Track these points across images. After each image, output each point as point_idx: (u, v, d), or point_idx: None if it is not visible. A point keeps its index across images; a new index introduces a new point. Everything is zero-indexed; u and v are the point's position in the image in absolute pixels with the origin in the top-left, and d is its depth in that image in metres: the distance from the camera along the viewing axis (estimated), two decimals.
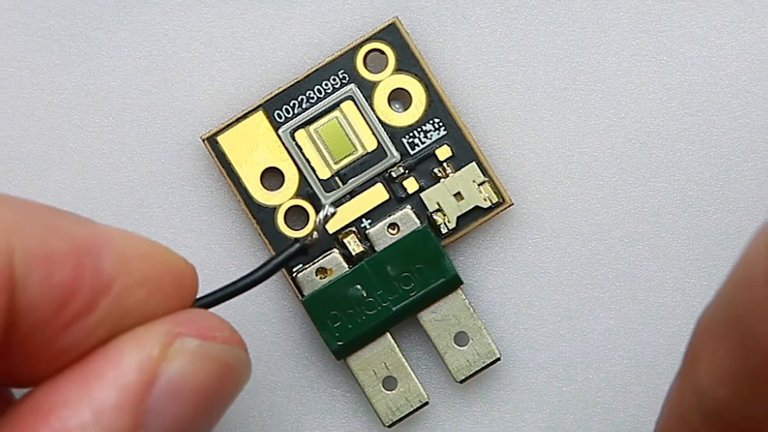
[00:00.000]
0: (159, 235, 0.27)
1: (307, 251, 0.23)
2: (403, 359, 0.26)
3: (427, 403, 0.26)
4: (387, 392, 0.26)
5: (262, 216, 0.26)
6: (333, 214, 0.23)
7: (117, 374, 0.20)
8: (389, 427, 0.26)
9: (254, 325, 0.27)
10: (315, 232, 0.23)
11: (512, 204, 0.26)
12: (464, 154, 0.26)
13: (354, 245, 0.26)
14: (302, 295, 0.26)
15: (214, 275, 0.27)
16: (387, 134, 0.26)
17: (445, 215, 0.26)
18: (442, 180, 0.26)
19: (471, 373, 0.26)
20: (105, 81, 0.27)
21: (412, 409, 0.26)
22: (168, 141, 0.27)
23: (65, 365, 0.20)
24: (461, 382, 0.26)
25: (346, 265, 0.26)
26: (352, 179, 0.26)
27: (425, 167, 0.26)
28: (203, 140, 0.26)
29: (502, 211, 0.26)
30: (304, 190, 0.26)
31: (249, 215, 0.26)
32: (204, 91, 0.27)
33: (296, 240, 0.23)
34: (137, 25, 0.27)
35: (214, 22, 0.27)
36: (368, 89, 0.26)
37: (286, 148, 0.26)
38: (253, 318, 0.27)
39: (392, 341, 0.26)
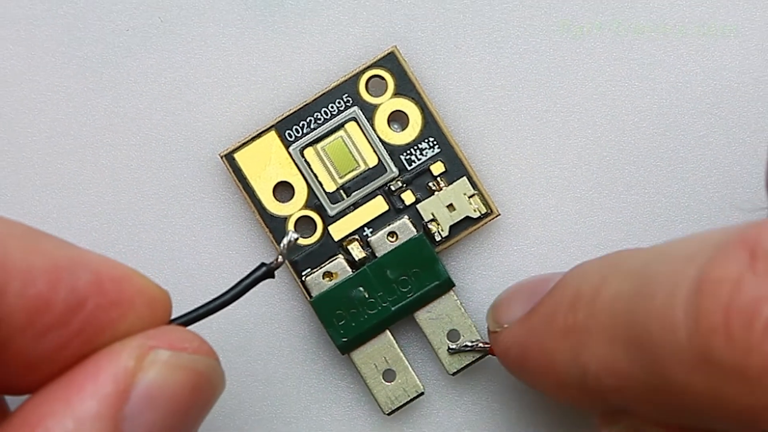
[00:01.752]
0: (182, 241, 0.28)
1: (273, 274, 0.23)
2: (401, 354, 0.27)
3: (422, 393, 0.27)
4: (387, 383, 0.26)
5: (274, 225, 0.27)
6: (296, 240, 0.23)
7: (95, 386, 0.21)
8: (389, 414, 0.27)
9: (267, 324, 0.27)
10: (280, 257, 0.23)
11: (499, 214, 0.27)
12: (456, 169, 0.27)
13: (357, 251, 0.26)
14: (310, 297, 0.26)
15: (231, 278, 0.26)
16: (386, 152, 0.27)
17: (438, 224, 0.26)
18: (436, 193, 0.27)
19: (462, 366, 0.27)
20: (133, 104, 0.28)
21: (409, 398, 0.27)
22: (189, 158, 0.28)
23: (48, 377, 0.21)
24: (453, 374, 0.27)
25: (350, 270, 0.26)
26: (355, 192, 0.27)
27: (421, 181, 0.27)
28: (221, 157, 0.26)
29: (490, 220, 0.27)
30: (312, 201, 0.27)
31: (262, 224, 0.27)
32: (222, 113, 0.28)
33: (263, 264, 0.23)
34: (162, 54, 0.28)
35: (230, 51, 0.28)
36: (369, 111, 0.27)
37: (296, 165, 0.26)
38: (266, 317, 0.27)
39: (391, 338, 0.26)
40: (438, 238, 0.26)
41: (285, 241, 0.23)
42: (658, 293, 0.20)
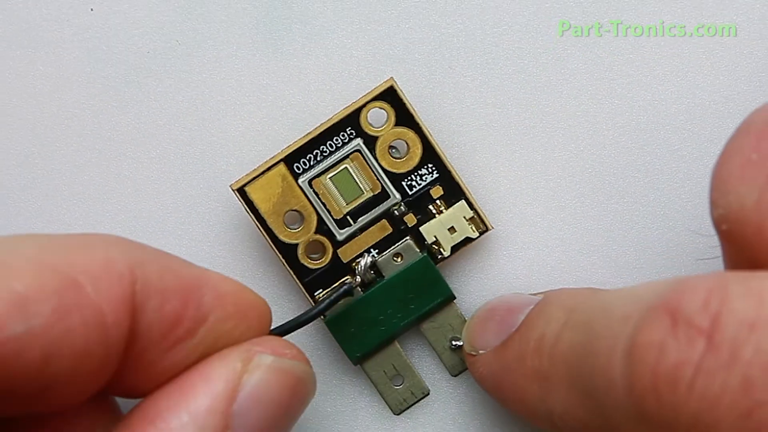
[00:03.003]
0: (197, 254, 0.28)
1: (352, 293, 0.26)
2: (408, 361, 0.27)
3: (428, 394, 0.28)
4: (396, 387, 0.27)
5: (286, 251, 0.27)
6: (374, 262, 0.26)
7: (208, 385, 0.22)
8: (398, 414, 0.27)
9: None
10: (358, 277, 0.26)
11: (492, 228, 0.27)
12: (453, 191, 0.27)
13: (365, 272, 0.27)
14: (324, 317, 0.27)
15: None
16: (388, 179, 0.27)
17: (441, 245, 0.27)
18: (436, 215, 0.27)
19: (464, 368, 0.27)
20: (153, 120, 0.28)
21: (416, 399, 0.27)
22: (205, 169, 0.28)
23: (168, 380, 0.22)
24: (456, 375, 0.28)
25: (361, 290, 0.27)
26: (361, 217, 0.27)
27: (422, 204, 0.27)
28: (234, 190, 0.26)
29: (483, 234, 0.27)
30: (321, 227, 0.27)
31: (275, 251, 0.27)
32: (234, 128, 0.28)
33: (343, 283, 0.26)
34: (179, 74, 0.28)
35: (242, 72, 0.28)
36: (372, 142, 0.27)
37: (305, 195, 0.27)
38: (286, 337, 0.27)
39: (399, 347, 0.27)
40: (440, 257, 0.27)
41: (363, 262, 0.26)
42: (601, 351, 0.21)
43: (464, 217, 0.27)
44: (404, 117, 0.27)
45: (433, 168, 0.27)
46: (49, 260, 0.21)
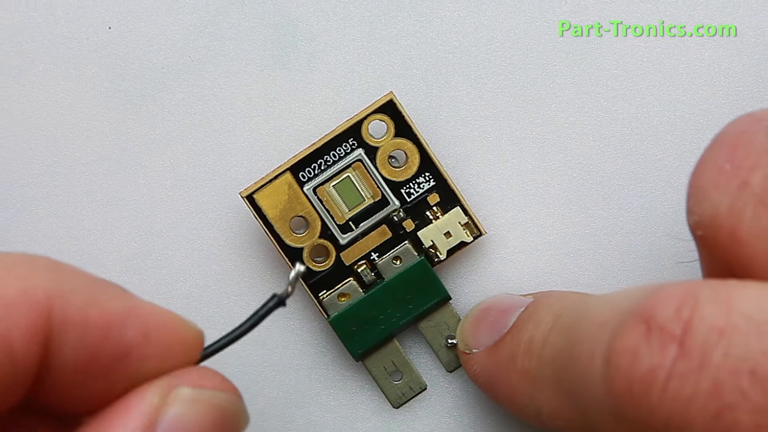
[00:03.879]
0: (208, 271, 0.28)
1: (285, 303, 0.23)
2: (406, 357, 0.27)
3: (425, 389, 0.27)
4: (395, 382, 0.27)
5: (292, 254, 0.27)
6: (303, 272, 0.23)
7: (126, 420, 0.21)
8: (397, 408, 0.27)
9: (290, 341, 0.28)
10: (290, 287, 0.23)
11: (486, 233, 0.27)
12: (449, 198, 0.27)
13: (366, 274, 0.27)
14: (328, 316, 0.27)
15: (254, 303, 0.28)
16: (388, 187, 0.27)
17: (437, 249, 0.27)
18: (433, 221, 0.27)
19: (459, 365, 0.27)
20: (168, 132, 0.28)
21: (414, 394, 0.27)
22: (216, 179, 0.28)
23: (92, 407, 0.21)
24: (451, 371, 0.28)
25: (361, 290, 0.27)
26: (363, 223, 0.27)
27: (419, 210, 0.27)
28: (243, 197, 0.27)
29: (477, 239, 0.27)
30: (325, 232, 0.27)
31: (281, 254, 0.27)
32: (243, 139, 0.28)
33: (274, 295, 0.23)
34: (192, 88, 0.28)
35: (251, 86, 0.28)
36: (372, 152, 0.27)
37: (310, 201, 0.27)
38: (291, 335, 0.28)
39: (398, 345, 0.27)
40: (436, 260, 0.27)
41: (293, 273, 0.23)
42: (582, 356, 0.21)
43: (459, 223, 0.27)
44: (403, 129, 0.27)
45: (430, 176, 0.27)
46: None
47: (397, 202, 0.27)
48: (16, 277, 0.20)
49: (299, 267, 0.23)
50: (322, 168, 0.27)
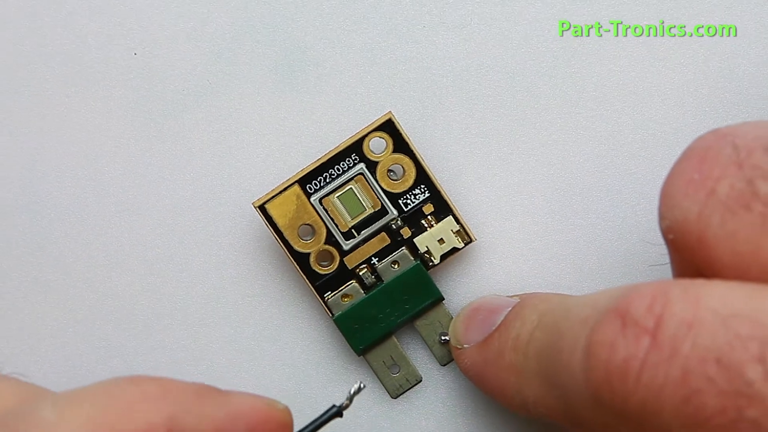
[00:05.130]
0: (223, 275, 0.28)
1: (342, 414, 0.23)
2: (404, 352, 0.27)
3: (421, 381, 0.27)
4: (393, 375, 0.27)
5: (300, 259, 0.27)
6: (363, 388, 0.23)
7: None
8: (395, 398, 0.27)
9: (299, 337, 0.28)
10: (348, 401, 0.23)
11: (476, 240, 0.27)
12: (442, 208, 0.27)
13: (367, 277, 0.27)
14: (332, 314, 0.27)
15: (265, 304, 0.28)
16: (387, 198, 0.27)
17: (432, 254, 0.27)
18: (428, 229, 0.27)
19: (451, 359, 0.27)
20: (187, 148, 0.28)
21: (410, 385, 0.27)
22: (230, 191, 0.28)
23: None
24: (444, 365, 0.28)
25: (363, 291, 0.27)
26: (364, 230, 0.27)
27: (415, 219, 0.27)
28: (255, 207, 0.26)
29: (468, 245, 0.27)
30: (330, 239, 0.27)
31: (290, 259, 0.27)
32: (255, 155, 0.28)
33: (334, 406, 0.23)
34: (210, 109, 0.28)
35: (263, 107, 0.28)
36: (373, 166, 0.27)
37: (316, 211, 0.27)
38: (300, 332, 0.28)
39: (396, 341, 0.27)
40: (431, 264, 0.27)
41: (353, 388, 0.23)
42: (565, 349, 0.21)
43: (451, 230, 0.27)
44: (400, 145, 0.27)
45: (425, 188, 0.27)
46: (105, 425, 0.19)
47: (395, 212, 0.27)
48: (137, 418, 0.20)
49: (360, 384, 0.23)
50: (327, 180, 0.27)
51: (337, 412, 0.23)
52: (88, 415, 0.19)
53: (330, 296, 0.27)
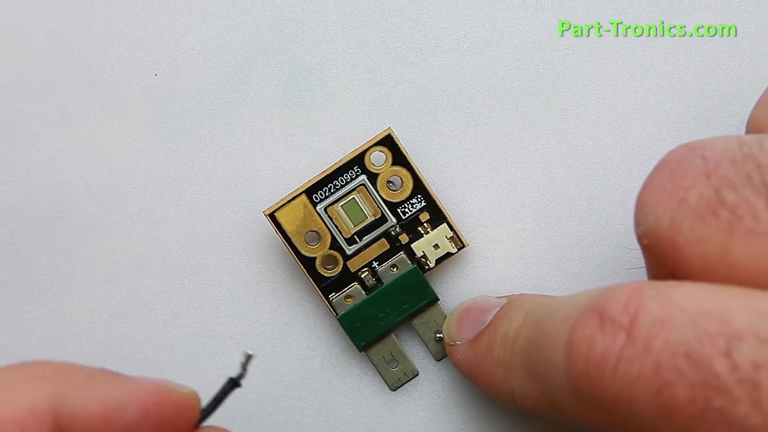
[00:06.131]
0: (236, 278, 0.28)
1: (240, 384, 0.22)
2: (402, 349, 0.27)
3: (417, 374, 0.27)
4: (392, 369, 0.27)
5: (307, 263, 0.27)
6: (252, 356, 0.21)
7: None
8: (394, 390, 0.27)
9: (306, 335, 0.28)
10: (242, 370, 0.21)
11: (468, 245, 0.27)
12: (437, 216, 0.27)
13: (368, 279, 0.27)
14: (336, 314, 0.27)
15: (275, 304, 0.27)
16: (387, 206, 0.27)
17: (427, 258, 0.27)
18: (424, 235, 0.27)
19: (445, 355, 0.27)
20: (204, 161, 0.28)
21: (408, 379, 0.27)
22: (243, 201, 0.28)
23: None
24: (439, 360, 0.27)
25: (364, 293, 0.27)
26: (365, 236, 0.27)
27: (412, 226, 0.27)
28: (266, 215, 0.26)
29: (461, 250, 0.27)
30: (334, 244, 0.27)
31: (298, 263, 0.27)
32: (266, 168, 0.28)
33: (231, 378, 0.22)
34: (224, 125, 0.28)
35: (273, 124, 0.28)
36: (374, 178, 0.27)
37: (322, 218, 0.27)
38: (306, 330, 0.28)
39: (394, 338, 0.27)
40: (427, 268, 0.27)
41: (243, 358, 0.21)
42: (548, 345, 0.21)
43: (446, 237, 0.27)
44: (399, 158, 0.27)
45: (422, 198, 0.27)
46: None
47: (393, 220, 0.27)
48: (19, 397, 0.19)
49: (248, 352, 0.21)
50: (332, 191, 0.27)
51: (234, 383, 0.21)
52: None
53: (334, 297, 0.27)
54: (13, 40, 0.28)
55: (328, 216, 0.27)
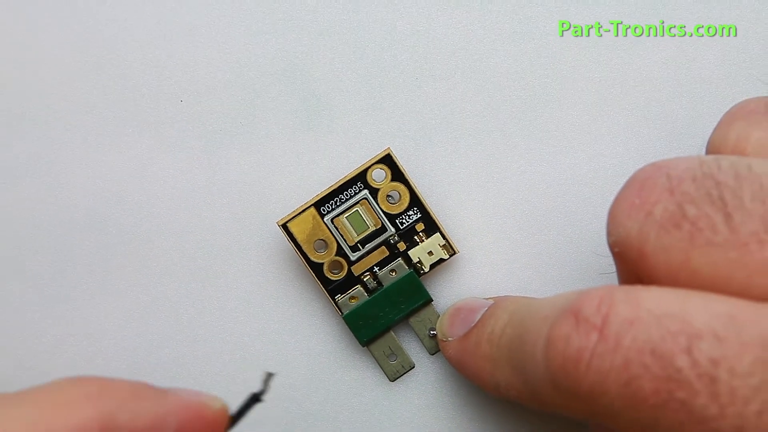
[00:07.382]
0: (253, 281, 0.27)
1: (261, 399, 0.21)
2: (400, 344, 0.27)
3: (414, 367, 0.27)
4: (391, 362, 0.27)
5: (315, 268, 0.27)
6: (272, 375, 0.21)
7: None
8: (393, 381, 0.27)
9: (314, 332, 0.28)
10: (264, 386, 0.21)
11: (459, 252, 0.27)
12: (431, 226, 0.27)
13: (370, 282, 0.27)
14: (342, 313, 0.27)
15: (287, 304, 0.27)
16: (386, 218, 0.27)
17: (422, 264, 0.27)
18: (419, 243, 0.27)
19: (438, 349, 0.27)
20: (224, 177, 0.27)
21: (405, 371, 0.27)
22: (259, 212, 0.28)
23: None
24: (433, 354, 0.27)
25: (366, 295, 0.27)
26: (368, 244, 0.27)
27: (409, 235, 0.27)
28: (279, 225, 0.26)
29: (452, 256, 0.27)
30: (340, 251, 0.27)
31: (307, 268, 0.27)
32: (279, 182, 0.28)
33: (253, 394, 0.21)
34: (241, 145, 0.28)
35: (286, 143, 0.28)
36: (375, 192, 0.27)
37: (329, 228, 0.27)
38: (314, 327, 0.28)
39: (393, 334, 0.27)
40: (422, 272, 0.27)
41: (264, 377, 0.21)
42: (529, 342, 0.20)
43: (439, 244, 0.27)
44: (397, 175, 0.27)
45: (417, 210, 0.27)
46: (41, 423, 0.17)
47: (392, 229, 0.27)
48: (69, 415, 0.18)
49: (268, 373, 0.21)
50: (338, 204, 0.27)
51: (256, 398, 0.21)
52: (26, 414, 0.18)
53: (339, 298, 0.27)
54: (57, 72, 0.28)
55: (335, 226, 0.27)
